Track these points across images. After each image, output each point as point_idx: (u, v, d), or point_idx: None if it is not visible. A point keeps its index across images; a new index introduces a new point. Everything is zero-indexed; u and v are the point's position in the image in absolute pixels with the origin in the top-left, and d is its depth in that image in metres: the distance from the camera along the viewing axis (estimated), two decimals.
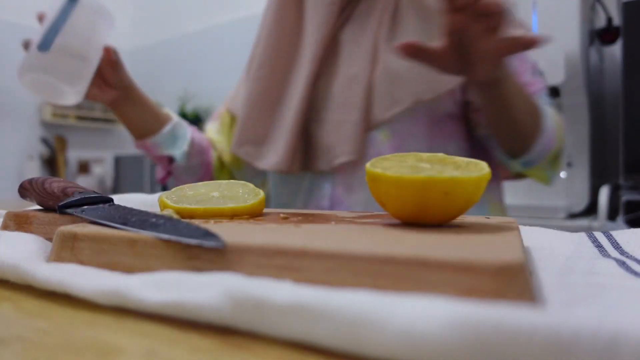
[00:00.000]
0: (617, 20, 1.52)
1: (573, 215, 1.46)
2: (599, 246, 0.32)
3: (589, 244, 0.33)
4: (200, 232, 0.26)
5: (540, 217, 1.40)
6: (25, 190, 0.40)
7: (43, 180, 0.39)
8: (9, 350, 0.18)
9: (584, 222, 1.36)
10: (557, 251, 0.30)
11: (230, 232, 0.27)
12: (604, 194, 1.35)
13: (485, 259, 0.19)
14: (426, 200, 0.29)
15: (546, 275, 0.25)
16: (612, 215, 1.35)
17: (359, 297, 0.17)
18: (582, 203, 1.45)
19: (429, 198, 0.29)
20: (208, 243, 0.24)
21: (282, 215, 0.36)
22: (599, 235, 0.34)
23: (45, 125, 3.46)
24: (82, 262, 0.27)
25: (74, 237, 0.28)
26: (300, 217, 0.36)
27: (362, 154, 0.68)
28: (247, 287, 0.19)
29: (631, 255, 0.29)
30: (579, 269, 0.26)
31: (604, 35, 1.51)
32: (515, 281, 0.19)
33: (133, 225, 0.28)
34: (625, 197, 1.24)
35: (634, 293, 0.21)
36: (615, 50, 1.62)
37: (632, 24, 1.26)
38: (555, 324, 0.14)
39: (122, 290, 0.22)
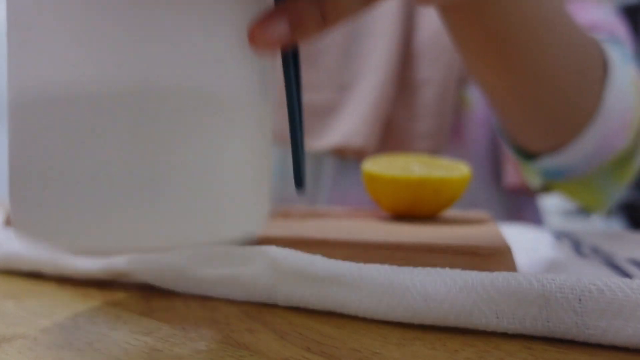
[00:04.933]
0: None
1: (571, 215, 1.46)
2: (556, 234, 0.37)
3: (548, 232, 0.38)
4: None
5: None
6: None
7: None
8: (11, 348, 0.18)
9: (582, 221, 1.36)
10: (522, 237, 0.35)
11: None
12: None
13: (480, 244, 0.23)
14: (418, 197, 0.33)
15: (518, 255, 0.29)
16: (610, 215, 1.35)
17: (386, 269, 0.20)
18: None
19: (421, 195, 0.33)
20: None
21: (282, 212, 0.38)
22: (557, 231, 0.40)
23: None
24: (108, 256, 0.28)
25: None
26: (299, 214, 0.38)
27: (446, 131, 0.52)
28: (290, 260, 0.22)
29: (582, 242, 0.34)
30: (543, 250, 0.31)
31: None
32: (504, 261, 0.23)
33: None
34: (624, 196, 1.24)
35: (587, 267, 0.27)
36: None
37: (630, 28, 1.26)
38: (543, 283, 0.18)
39: (178, 268, 0.23)
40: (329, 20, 0.19)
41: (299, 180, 0.20)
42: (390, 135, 0.53)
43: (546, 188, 0.48)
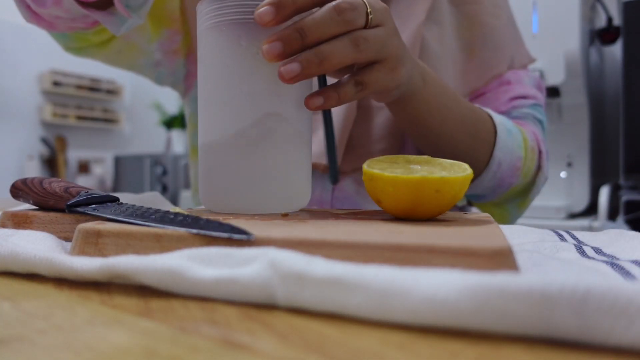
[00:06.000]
0: (617, 20, 1.52)
1: (573, 215, 1.46)
2: (559, 235, 0.37)
3: (551, 233, 0.38)
4: (226, 227, 0.27)
5: (540, 217, 1.40)
6: (19, 190, 0.40)
7: (41, 180, 0.39)
8: (8, 350, 0.18)
9: (584, 222, 1.35)
10: (524, 239, 0.36)
11: (248, 228, 0.27)
12: (604, 194, 1.35)
13: (482, 245, 0.23)
14: (419, 197, 0.33)
15: (520, 256, 0.29)
16: (612, 215, 1.35)
17: (386, 270, 0.20)
18: (582, 203, 1.45)
19: (422, 195, 0.33)
20: (238, 236, 0.25)
21: (282, 212, 0.38)
22: (561, 231, 0.40)
23: (45, 125, 3.46)
24: (106, 257, 0.28)
25: (97, 234, 0.29)
26: (299, 214, 0.38)
27: (398, 151, 0.62)
28: (289, 261, 0.21)
29: (586, 243, 0.34)
30: (546, 251, 0.32)
31: (604, 35, 1.51)
32: (505, 262, 0.22)
33: (154, 222, 0.29)
34: (625, 197, 1.24)
35: (590, 268, 0.26)
36: (616, 50, 1.62)
37: (632, 24, 1.26)
38: (545, 283, 0.17)
39: (176, 269, 0.23)
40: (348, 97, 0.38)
41: (333, 177, 0.42)
42: (352, 153, 0.61)
43: (469, 203, 0.69)
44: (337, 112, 0.59)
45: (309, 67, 0.35)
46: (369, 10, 0.37)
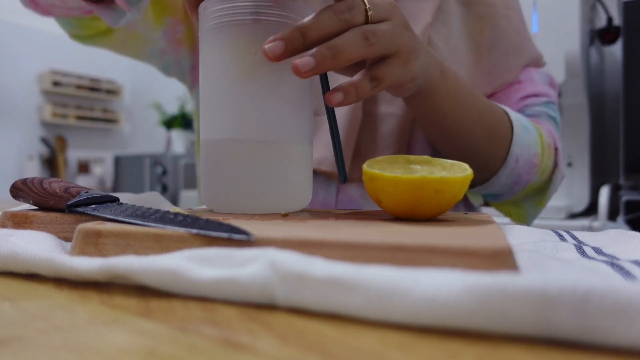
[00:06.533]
0: (617, 20, 1.51)
1: (573, 215, 1.46)
2: (559, 235, 0.37)
3: (551, 233, 0.38)
4: (225, 227, 0.27)
5: (540, 217, 1.39)
6: (19, 190, 0.40)
7: (41, 180, 0.39)
8: (8, 350, 0.18)
9: (584, 222, 1.35)
10: (524, 239, 0.36)
11: (248, 228, 0.27)
12: (604, 194, 1.35)
13: (482, 245, 0.23)
14: (419, 197, 0.33)
15: (520, 256, 0.29)
16: (612, 215, 1.35)
17: (386, 271, 0.20)
18: (582, 203, 1.45)
19: (422, 195, 0.33)
20: (238, 236, 0.25)
21: (282, 213, 0.38)
22: (561, 231, 0.40)
23: (45, 125, 3.46)
24: (106, 258, 0.28)
25: (97, 234, 0.29)
26: (299, 214, 0.38)
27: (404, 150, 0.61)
28: (289, 261, 0.22)
29: (586, 243, 0.34)
30: (546, 251, 0.32)
31: (604, 35, 1.51)
32: (505, 262, 0.22)
33: (154, 222, 0.29)
34: (625, 197, 1.24)
35: (590, 268, 0.26)
36: (616, 50, 1.62)
37: (632, 24, 1.26)
38: (545, 283, 0.17)
39: (176, 269, 0.23)
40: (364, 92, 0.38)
41: (342, 176, 0.40)
42: (358, 161, 0.59)
43: (486, 204, 0.68)
44: (342, 119, 0.59)
45: (324, 61, 0.35)
46: (367, 7, 0.37)
